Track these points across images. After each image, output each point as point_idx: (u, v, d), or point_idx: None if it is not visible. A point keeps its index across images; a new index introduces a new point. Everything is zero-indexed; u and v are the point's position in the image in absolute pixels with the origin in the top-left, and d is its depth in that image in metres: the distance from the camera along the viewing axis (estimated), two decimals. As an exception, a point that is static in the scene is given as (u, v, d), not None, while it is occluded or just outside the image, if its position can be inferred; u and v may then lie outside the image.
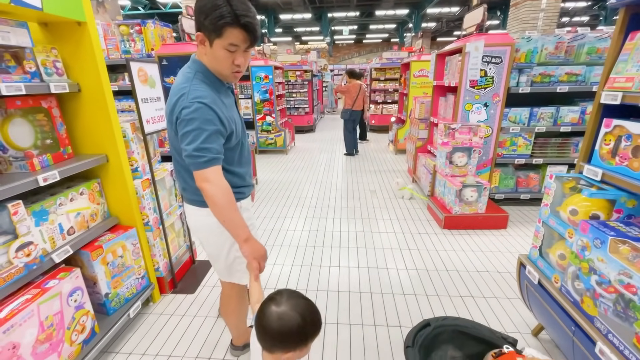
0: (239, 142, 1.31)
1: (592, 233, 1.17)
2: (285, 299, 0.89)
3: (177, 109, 1.12)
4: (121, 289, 1.79)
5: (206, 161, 1.10)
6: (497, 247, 2.68)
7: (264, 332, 0.87)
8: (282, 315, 0.86)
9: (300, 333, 0.86)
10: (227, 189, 1.15)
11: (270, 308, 0.87)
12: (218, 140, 1.13)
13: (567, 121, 3.11)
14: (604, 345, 1.09)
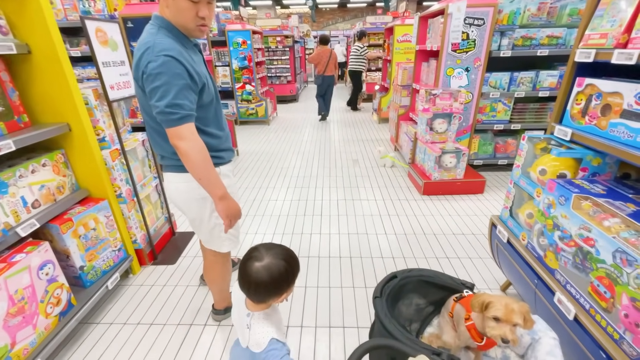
0: (212, 101, 1.26)
1: (558, 191, 1.20)
2: (263, 252, 0.91)
3: (142, 63, 1.06)
4: (97, 261, 1.76)
5: (179, 118, 1.06)
6: (473, 211, 2.77)
7: (257, 287, 0.89)
8: (268, 266, 0.88)
9: (289, 274, 0.91)
10: (202, 146, 1.13)
11: (254, 265, 0.88)
12: (190, 96, 1.09)
13: (545, 86, 3.13)
14: (562, 295, 1.16)
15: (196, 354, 1.53)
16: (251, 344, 0.93)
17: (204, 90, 1.17)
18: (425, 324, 1.30)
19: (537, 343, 1.01)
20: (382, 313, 1.04)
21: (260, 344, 0.90)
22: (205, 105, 1.21)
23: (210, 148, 1.24)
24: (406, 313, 1.27)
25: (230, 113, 6.05)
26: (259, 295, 0.91)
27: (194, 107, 1.11)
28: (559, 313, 1.17)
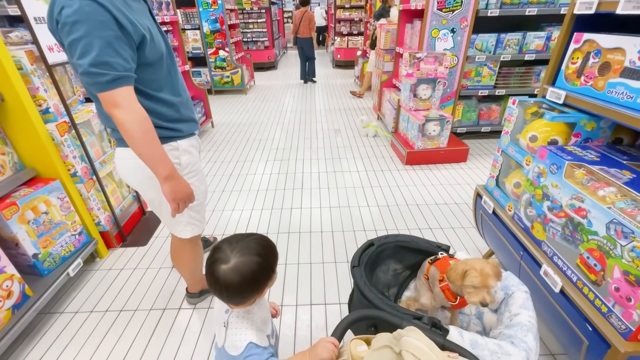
0: (162, 58, 1.05)
1: (550, 159, 1.12)
2: (228, 251, 0.76)
3: (55, 10, 0.84)
4: (54, 247, 1.60)
5: (111, 80, 0.87)
6: (456, 180, 2.73)
7: (229, 292, 0.77)
8: (236, 267, 0.74)
9: (264, 269, 0.79)
10: (143, 116, 0.94)
11: (220, 268, 0.74)
12: (123, 52, 0.88)
13: (532, 48, 3.01)
14: (548, 267, 1.12)
15: (170, 340, 1.45)
16: (227, 345, 0.81)
17: (145, 44, 0.95)
18: (403, 288, 1.32)
19: (510, 298, 1.03)
20: (361, 282, 1.02)
21: (237, 347, 0.79)
22: (151, 63, 1.00)
23: (163, 118, 1.07)
24: (384, 279, 1.29)
25: (204, 82, 5.66)
26: (233, 299, 0.80)
27: (130, 66, 0.90)
28: (544, 285, 1.14)
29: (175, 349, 1.41)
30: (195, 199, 1.24)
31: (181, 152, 1.16)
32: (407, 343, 0.56)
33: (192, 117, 1.23)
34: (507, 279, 1.07)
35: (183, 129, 1.17)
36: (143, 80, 1.00)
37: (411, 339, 0.57)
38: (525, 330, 0.88)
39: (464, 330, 0.85)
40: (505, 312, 1.00)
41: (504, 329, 0.93)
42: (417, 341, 0.56)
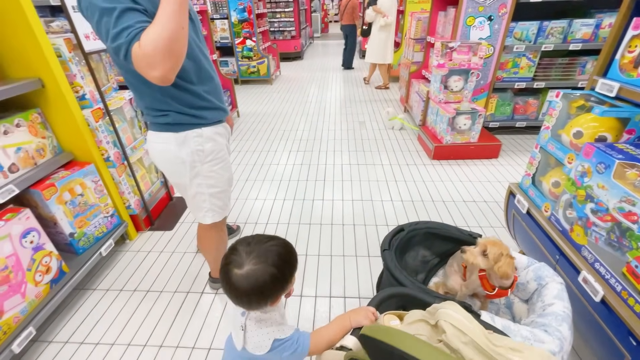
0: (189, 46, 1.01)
1: (597, 157, 1.03)
2: (244, 255, 0.73)
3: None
4: (88, 228, 1.68)
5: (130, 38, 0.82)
6: (487, 177, 2.60)
7: (240, 297, 0.74)
8: (248, 275, 0.71)
9: (278, 282, 0.75)
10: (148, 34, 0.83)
11: (233, 273, 0.72)
12: (134, 16, 0.84)
13: (578, 37, 2.77)
14: (588, 274, 1.04)
15: (193, 322, 1.50)
16: (250, 347, 0.79)
17: None
18: (431, 274, 1.31)
19: (543, 288, 1.00)
20: (391, 264, 1.03)
21: (262, 347, 0.78)
22: None
23: (187, 104, 1.08)
24: (412, 265, 1.28)
25: (231, 71, 5.72)
26: (246, 305, 0.77)
27: (144, 24, 0.84)
28: (582, 293, 1.06)
29: (197, 330, 1.45)
30: (218, 187, 1.26)
31: (205, 139, 1.16)
32: (444, 314, 0.55)
33: (219, 105, 1.22)
34: (541, 270, 1.04)
35: (208, 116, 1.17)
36: None
37: (449, 310, 0.56)
38: (560, 320, 0.85)
39: (495, 316, 0.83)
40: (537, 302, 0.98)
41: (537, 317, 0.91)
42: (455, 313, 0.55)
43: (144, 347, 1.40)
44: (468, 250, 1.02)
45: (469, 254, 1.01)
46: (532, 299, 1.05)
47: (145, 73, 0.85)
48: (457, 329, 0.53)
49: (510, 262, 0.96)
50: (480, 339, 0.52)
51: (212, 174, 1.22)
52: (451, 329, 0.53)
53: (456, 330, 0.53)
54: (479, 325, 0.55)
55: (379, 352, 0.58)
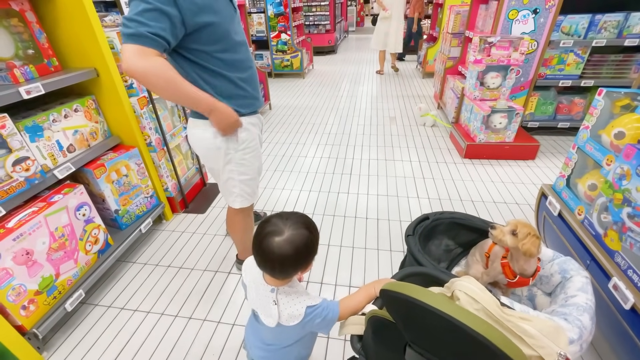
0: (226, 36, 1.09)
1: (638, 159, 0.97)
2: (280, 224, 0.78)
3: None
4: (131, 206, 1.85)
5: (132, 34, 0.90)
6: (520, 179, 2.50)
7: (282, 264, 0.78)
8: (291, 239, 0.76)
9: (314, 243, 0.81)
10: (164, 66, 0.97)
11: (274, 241, 0.76)
12: (161, 21, 0.92)
13: (635, 32, 2.55)
14: (619, 281, 0.99)
15: (219, 299, 1.60)
16: (284, 319, 0.83)
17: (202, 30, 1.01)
18: (453, 264, 1.32)
19: (567, 281, 0.99)
20: (415, 249, 1.06)
21: (297, 316, 0.83)
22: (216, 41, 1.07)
23: (223, 93, 1.15)
24: (435, 253, 1.29)
25: (265, 65, 5.86)
26: (284, 272, 0.82)
27: (164, 35, 0.93)
28: (611, 300, 1.01)
29: (223, 307, 1.56)
30: (248, 174, 1.34)
31: (240, 128, 1.24)
32: (459, 285, 0.58)
33: (254, 94, 1.27)
34: (566, 263, 1.03)
35: (244, 105, 1.23)
36: (207, 57, 1.07)
37: (464, 282, 0.58)
38: (581, 310, 0.84)
39: (516, 302, 0.84)
40: (560, 294, 0.97)
41: (558, 307, 0.90)
42: (469, 284, 0.57)
43: (175, 317, 1.52)
44: (498, 227, 1.02)
45: (498, 231, 1.00)
46: (555, 292, 1.04)
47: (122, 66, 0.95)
48: (470, 297, 0.55)
49: (536, 242, 0.95)
50: (491, 307, 0.54)
51: (243, 161, 1.30)
52: (464, 297, 0.56)
53: (469, 298, 0.55)
54: (492, 296, 0.56)
55: (397, 304, 0.60)
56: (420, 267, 0.91)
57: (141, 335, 1.45)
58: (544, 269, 1.11)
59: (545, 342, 0.54)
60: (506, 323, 0.53)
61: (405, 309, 0.58)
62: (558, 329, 0.57)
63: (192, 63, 1.09)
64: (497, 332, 0.47)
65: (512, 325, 0.54)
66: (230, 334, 1.44)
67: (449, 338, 0.52)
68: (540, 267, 1.05)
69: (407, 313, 0.58)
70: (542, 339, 0.54)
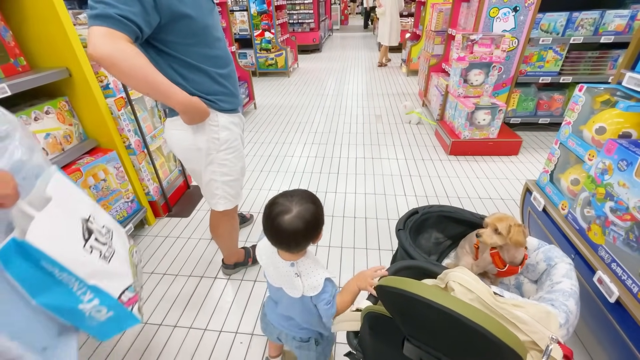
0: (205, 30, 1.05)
1: (619, 154, 0.99)
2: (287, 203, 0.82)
3: None
4: (110, 212, 1.77)
5: (98, 15, 0.83)
6: (505, 174, 2.54)
7: (296, 239, 0.82)
8: (301, 214, 0.80)
9: (320, 214, 0.85)
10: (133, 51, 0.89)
11: (285, 219, 0.80)
12: (131, 4, 0.86)
13: (610, 29, 2.63)
14: (604, 274, 1.01)
15: (205, 306, 1.55)
16: (307, 289, 0.88)
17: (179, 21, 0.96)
18: (444, 256, 1.34)
19: (552, 268, 1.03)
20: (406, 243, 1.08)
21: (316, 287, 0.87)
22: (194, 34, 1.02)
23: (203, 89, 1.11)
24: (425, 246, 1.32)
25: (249, 63, 5.77)
26: (299, 246, 0.85)
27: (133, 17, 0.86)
28: (597, 293, 1.03)
29: (208, 315, 1.51)
30: (231, 175, 1.30)
31: (221, 127, 1.19)
32: (453, 276, 0.59)
33: (234, 92, 1.23)
34: (551, 251, 1.07)
35: (224, 100, 1.18)
36: (185, 50, 1.02)
37: (457, 272, 0.60)
38: (567, 296, 0.88)
39: (505, 291, 0.87)
40: (546, 281, 1.01)
41: (545, 294, 0.94)
42: (463, 274, 0.59)
43: (159, 326, 1.47)
44: (483, 232, 1.05)
45: (485, 236, 1.03)
46: (541, 279, 1.07)
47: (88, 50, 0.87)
48: (464, 287, 0.56)
49: (519, 230, 0.98)
50: (485, 296, 0.55)
51: (225, 162, 1.26)
52: (459, 287, 0.57)
53: (463, 289, 0.56)
54: (485, 286, 0.58)
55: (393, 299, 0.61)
56: (412, 260, 0.92)
57: (123, 347, 1.39)
58: (529, 258, 1.13)
59: (538, 327, 0.55)
60: (500, 311, 0.55)
61: (402, 304, 0.58)
62: (549, 314, 0.58)
63: (168, 56, 1.03)
64: (494, 321, 0.47)
65: (505, 313, 0.55)
66: (217, 342, 1.39)
67: (447, 330, 0.53)
68: (527, 255, 1.07)
69: (404, 307, 0.59)
70: (534, 324, 0.55)
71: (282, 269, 0.90)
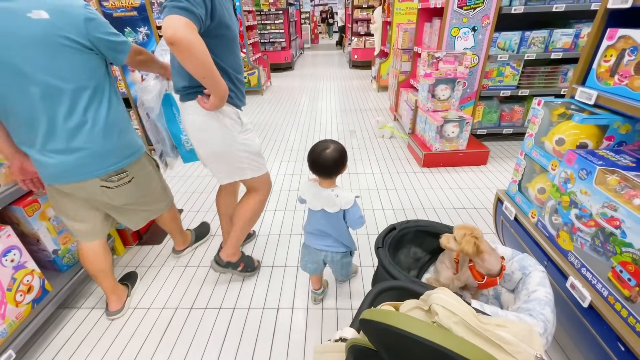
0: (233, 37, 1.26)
1: (579, 163, 1.05)
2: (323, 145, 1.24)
3: None
4: (73, 244, 1.64)
5: (185, 7, 0.99)
6: (476, 184, 2.63)
7: (335, 163, 1.23)
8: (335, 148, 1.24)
9: (345, 150, 1.28)
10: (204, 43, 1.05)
11: (326, 152, 1.22)
12: (202, 7, 1.04)
13: (559, 47, 2.86)
14: (575, 280, 1.04)
15: (182, 338, 1.46)
16: (343, 204, 1.27)
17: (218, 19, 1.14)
18: (423, 271, 1.35)
19: (527, 277, 1.07)
20: (385, 261, 1.09)
21: (349, 201, 1.27)
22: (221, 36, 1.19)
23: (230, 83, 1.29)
24: (405, 262, 1.33)
25: (222, 83, 5.73)
26: (335, 170, 1.26)
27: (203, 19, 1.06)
28: (571, 299, 1.06)
29: (185, 348, 1.41)
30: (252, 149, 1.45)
31: (241, 114, 1.40)
32: (436, 298, 0.59)
33: (244, 94, 1.44)
34: (524, 260, 1.12)
35: (240, 97, 1.39)
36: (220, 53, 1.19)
37: (440, 294, 0.60)
38: (542, 304, 0.92)
39: (485, 304, 0.89)
40: (522, 290, 1.05)
41: (522, 304, 0.97)
42: (446, 296, 0.59)
43: (130, 367, 1.35)
44: (443, 236, 1.11)
45: (444, 239, 1.11)
46: (517, 288, 1.11)
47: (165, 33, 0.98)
48: (448, 310, 0.56)
49: (470, 240, 1.02)
50: (469, 318, 0.55)
51: (246, 140, 1.42)
52: (442, 311, 0.56)
53: (447, 311, 0.56)
54: (468, 307, 0.58)
55: (378, 333, 0.59)
56: (394, 281, 0.91)
57: (89, 395, 1.26)
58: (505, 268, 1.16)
59: (523, 347, 0.56)
60: (484, 333, 0.55)
61: (387, 338, 0.57)
62: (531, 332, 0.59)
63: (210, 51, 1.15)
64: (482, 353, 0.47)
65: (490, 334, 0.55)
66: (195, 378, 1.30)
67: None
68: (505, 265, 1.09)
69: (389, 341, 0.57)
70: (519, 344, 0.56)
71: (323, 194, 1.29)
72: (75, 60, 1.11)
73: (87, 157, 1.22)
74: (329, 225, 1.34)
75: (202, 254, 1.97)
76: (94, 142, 1.21)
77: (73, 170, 1.22)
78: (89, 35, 1.11)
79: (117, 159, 1.30)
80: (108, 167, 1.28)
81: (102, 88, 1.22)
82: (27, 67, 1.05)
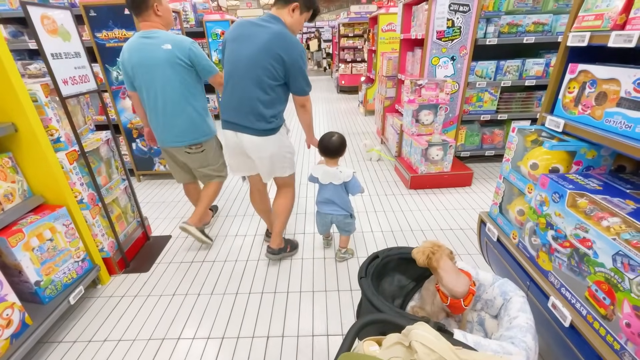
0: None
1: (551, 187, 1.12)
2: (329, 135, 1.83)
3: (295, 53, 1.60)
4: (56, 274, 1.60)
5: (309, 91, 1.75)
6: (461, 205, 2.70)
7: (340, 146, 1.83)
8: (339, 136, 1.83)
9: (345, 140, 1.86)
10: None
11: (333, 139, 1.82)
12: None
13: (532, 74, 3.06)
14: (556, 299, 1.08)
15: (168, 373, 1.41)
16: (344, 177, 1.82)
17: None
18: (408, 299, 1.35)
19: (508, 302, 1.09)
20: (369, 292, 1.07)
21: (349, 175, 1.82)
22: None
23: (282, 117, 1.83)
24: (389, 290, 1.32)
25: (212, 107, 5.82)
26: (339, 153, 1.83)
27: None
28: (553, 319, 1.09)
29: (172, 382, 1.37)
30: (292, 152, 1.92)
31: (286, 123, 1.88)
32: (415, 335, 0.61)
33: None
34: (504, 285, 1.14)
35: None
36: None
37: (419, 330, 0.61)
38: (524, 331, 0.94)
39: (468, 334, 0.89)
40: (504, 317, 1.06)
41: (504, 331, 0.98)
42: (425, 332, 0.61)
43: (113, 404, 1.29)
44: (415, 248, 1.18)
45: (414, 252, 1.17)
46: (500, 314, 1.13)
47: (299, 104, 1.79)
48: (426, 347, 0.58)
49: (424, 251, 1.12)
50: (447, 354, 0.56)
51: (288, 143, 1.88)
52: (421, 348, 0.58)
53: (426, 349, 0.58)
54: (447, 342, 0.59)
55: None
56: (377, 314, 0.90)
57: None
58: (487, 293, 1.19)
59: None
60: None
61: None
62: None
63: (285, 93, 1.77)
64: None
65: None
66: (182, 414, 1.25)
67: None
68: (473, 290, 1.11)
69: None
70: None
71: (331, 171, 1.82)
72: (183, 71, 1.84)
73: (181, 133, 1.94)
74: (335, 195, 1.86)
75: (189, 283, 1.94)
76: (190, 123, 1.95)
77: (173, 139, 1.96)
78: (190, 58, 1.82)
79: (198, 135, 1.98)
80: (192, 140, 1.97)
81: (198, 89, 1.96)
82: (158, 74, 1.80)
